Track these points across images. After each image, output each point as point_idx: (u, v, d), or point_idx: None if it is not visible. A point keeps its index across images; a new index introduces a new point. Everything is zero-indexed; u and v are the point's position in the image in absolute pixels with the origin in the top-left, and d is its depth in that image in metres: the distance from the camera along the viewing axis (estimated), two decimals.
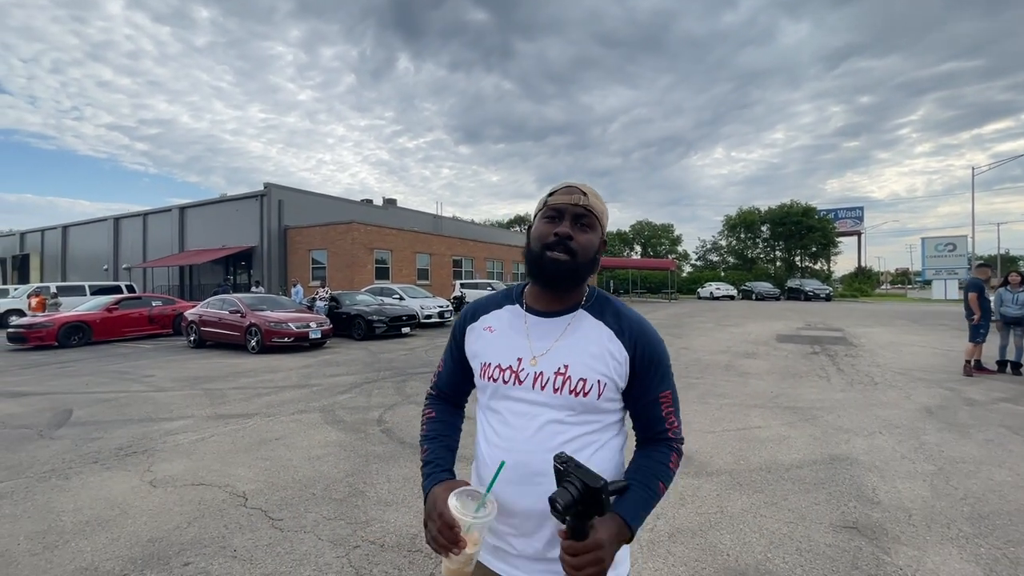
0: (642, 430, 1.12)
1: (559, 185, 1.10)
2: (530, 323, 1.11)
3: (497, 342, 1.12)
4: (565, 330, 1.08)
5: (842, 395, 6.12)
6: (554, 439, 1.02)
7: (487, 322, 1.16)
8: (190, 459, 4.14)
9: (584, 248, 1.04)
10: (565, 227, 1.03)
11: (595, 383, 1.03)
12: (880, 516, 3.00)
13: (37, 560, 2.63)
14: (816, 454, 4.08)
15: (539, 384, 1.04)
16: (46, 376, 8.24)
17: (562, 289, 1.08)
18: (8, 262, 37.87)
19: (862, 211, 52.16)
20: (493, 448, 1.07)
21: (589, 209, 1.05)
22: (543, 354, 1.06)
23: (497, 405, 1.09)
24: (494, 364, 1.10)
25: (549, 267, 1.04)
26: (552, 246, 1.03)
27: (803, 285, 36.12)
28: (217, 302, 12.59)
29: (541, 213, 1.09)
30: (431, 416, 1.23)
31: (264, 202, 24.35)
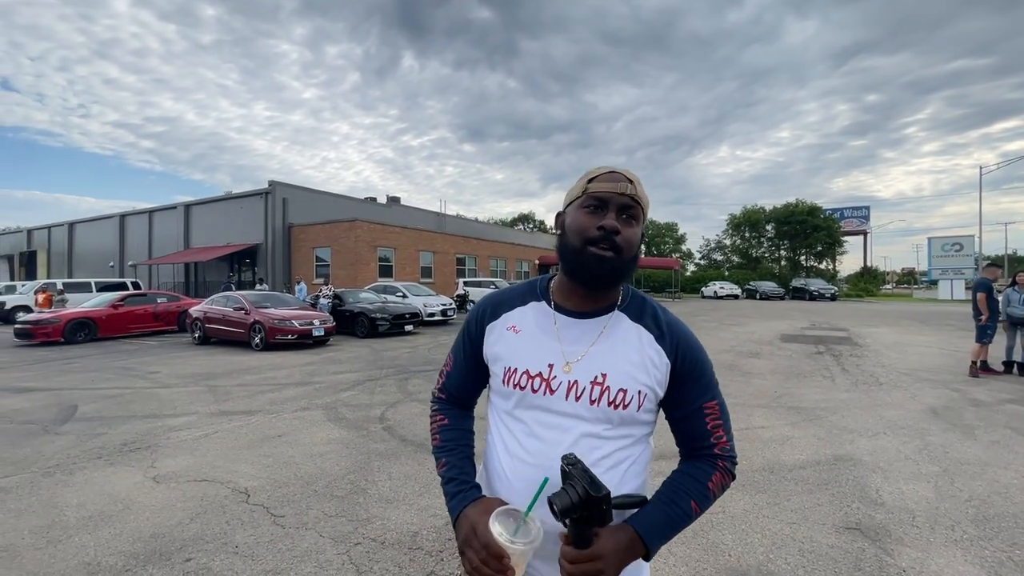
0: (684, 444, 1.03)
1: (600, 169, 0.96)
2: (560, 324, 0.99)
3: (524, 345, 0.99)
4: (601, 333, 0.97)
5: (846, 395, 6.09)
6: (589, 455, 0.91)
7: (511, 320, 1.03)
8: (193, 455, 4.16)
9: (630, 244, 0.93)
10: (611, 220, 0.91)
11: (635, 394, 0.94)
12: (884, 517, 2.98)
13: (40, 555, 2.64)
14: (819, 454, 4.06)
15: (573, 395, 0.94)
16: (52, 372, 8.30)
17: (604, 289, 0.98)
18: (15, 259, 38.16)
19: (868, 210, 51.87)
20: (518, 462, 0.96)
21: (636, 199, 0.93)
22: (577, 361, 0.95)
23: (523, 415, 0.98)
24: (521, 370, 0.97)
25: (592, 264, 0.92)
26: (595, 241, 0.91)
27: (808, 284, 35.96)
28: (221, 299, 12.65)
29: (579, 201, 0.95)
30: (444, 423, 1.09)
31: (269, 200, 24.44)
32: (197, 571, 2.49)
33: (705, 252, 62.34)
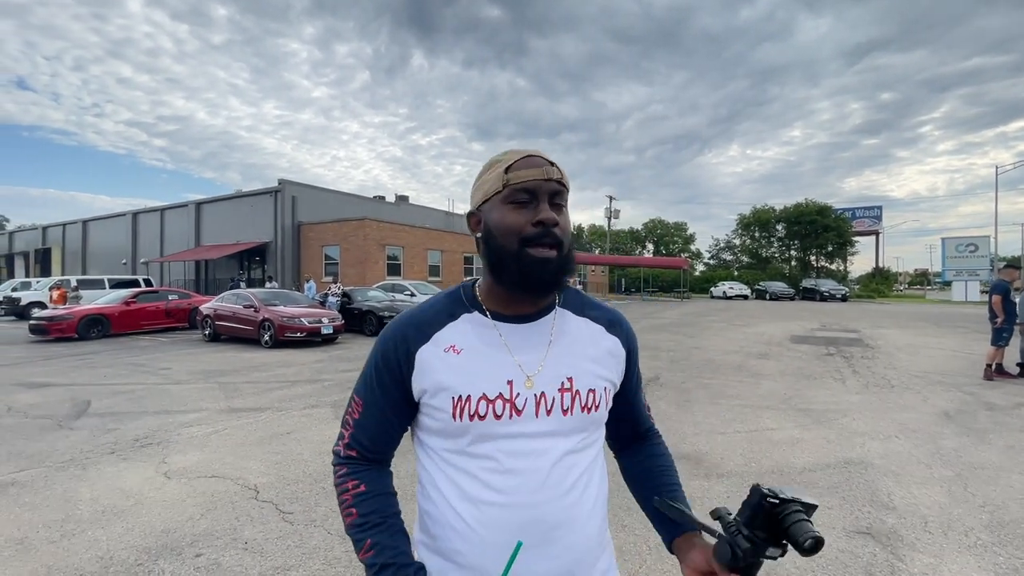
0: (628, 429, 1.02)
1: (514, 155, 0.83)
2: (505, 334, 0.86)
3: (472, 366, 0.83)
4: (552, 335, 0.87)
5: (857, 398, 6.02)
6: (568, 476, 0.82)
7: (446, 340, 0.85)
8: (203, 451, 4.21)
9: (567, 233, 0.83)
10: (548, 212, 0.79)
11: (602, 392, 0.88)
12: (895, 522, 2.94)
13: (55, 548, 2.69)
14: (830, 457, 4.02)
15: (544, 410, 0.82)
16: (66, 367, 8.42)
17: (550, 293, 0.86)
18: (31, 255, 38.76)
19: (880, 210, 51.21)
20: (487, 508, 0.79)
21: (564, 183, 0.82)
22: (537, 371, 0.84)
23: (484, 449, 0.81)
24: (476, 396, 0.81)
25: (535, 268, 0.79)
26: (534, 239, 0.79)
27: (818, 285, 35.62)
28: (231, 297, 12.76)
29: (501, 196, 0.81)
30: (360, 492, 0.85)
31: (278, 198, 24.63)
32: (208, 566, 2.52)
33: (714, 252, 62.00)
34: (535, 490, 0.80)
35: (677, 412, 5.41)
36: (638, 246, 67.96)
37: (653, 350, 10.10)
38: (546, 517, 0.79)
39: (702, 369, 7.98)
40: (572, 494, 0.82)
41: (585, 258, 44.67)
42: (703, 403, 5.79)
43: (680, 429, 4.77)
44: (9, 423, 5.07)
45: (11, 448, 4.30)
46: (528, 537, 0.78)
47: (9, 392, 6.50)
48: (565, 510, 0.81)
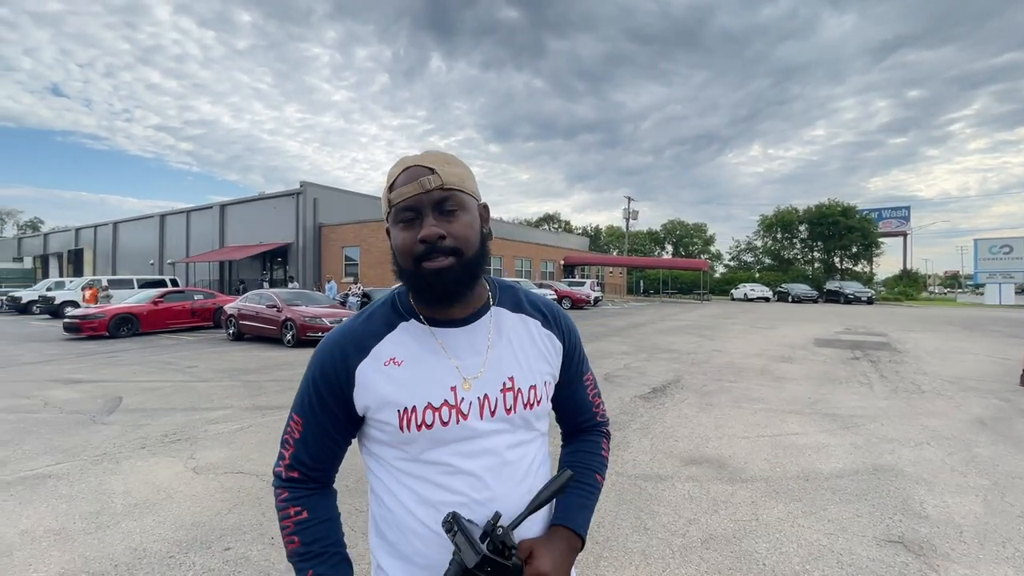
0: (571, 419, 1.02)
1: (398, 170, 0.81)
2: (443, 339, 0.86)
3: (414, 376, 0.83)
4: (490, 336, 0.88)
5: (885, 403, 5.87)
6: (519, 468, 0.86)
7: (386, 354, 0.85)
8: (230, 448, 4.30)
9: (464, 237, 0.80)
10: (431, 227, 0.78)
11: (543, 385, 0.90)
12: (928, 531, 2.86)
13: (91, 539, 2.78)
14: (858, 463, 3.92)
15: (488, 411, 0.84)
16: (98, 364, 8.70)
17: (460, 298, 0.85)
18: (64, 256, 40.15)
19: (908, 211, 49.80)
20: (445, 509, 0.80)
21: (448, 187, 0.79)
22: (478, 374, 0.85)
23: (436, 456, 0.83)
24: (422, 406, 0.82)
25: (434, 282, 0.79)
26: (424, 256, 0.78)
27: (843, 287, 34.78)
28: (255, 297, 13.03)
29: (391, 216, 0.82)
30: (302, 518, 0.84)
31: (300, 200, 25.06)
32: (236, 560, 2.57)
33: (735, 253, 60.97)
34: (492, 485, 0.83)
35: (698, 415, 5.34)
36: (657, 247, 67.28)
37: (673, 352, 9.99)
38: (505, 509, 0.81)
39: (724, 372, 7.87)
40: (525, 482, 0.86)
41: (602, 259, 44.42)
42: (725, 407, 5.71)
43: (702, 432, 4.71)
44: (46, 418, 5.26)
45: (48, 442, 4.46)
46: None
47: (45, 388, 6.74)
48: (521, 498, 0.83)
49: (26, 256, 45.75)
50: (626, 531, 2.87)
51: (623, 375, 7.57)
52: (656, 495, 3.35)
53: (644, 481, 3.58)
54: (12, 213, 72.49)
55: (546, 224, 69.68)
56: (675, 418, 5.23)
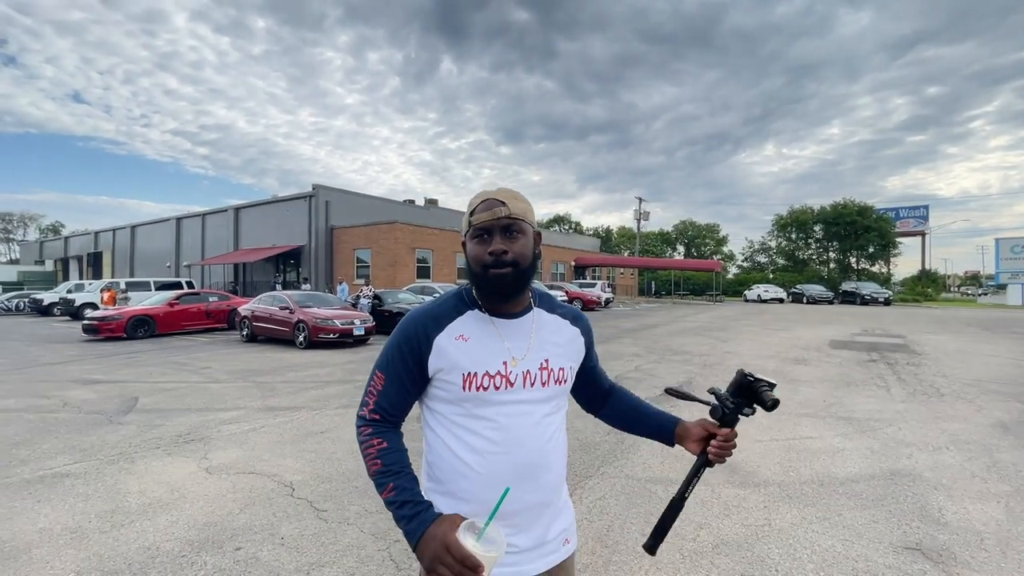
0: (597, 389, 1.36)
1: (478, 200, 1.10)
2: (499, 326, 1.13)
3: (477, 349, 1.09)
4: (531, 328, 1.16)
5: (903, 406, 5.75)
6: (547, 431, 1.12)
7: (457, 330, 1.11)
8: (242, 448, 4.35)
9: (521, 255, 1.08)
10: (498, 244, 1.06)
11: (569, 368, 1.18)
12: (947, 539, 2.79)
13: (106, 538, 2.82)
14: (874, 468, 3.84)
15: (528, 382, 1.11)
16: (115, 365, 8.86)
17: (514, 298, 1.13)
18: (84, 259, 41.02)
19: (927, 210, 48.86)
20: (487, 456, 1.06)
21: (513, 217, 1.07)
22: (524, 355, 1.12)
23: (487, 412, 1.08)
24: (481, 372, 1.08)
25: (496, 284, 1.08)
26: (491, 265, 1.07)
27: (859, 288, 34.21)
28: (268, 299, 13.17)
29: (470, 233, 1.11)
30: (384, 447, 1.08)
31: (312, 203, 25.31)
32: (247, 560, 2.60)
33: (748, 254, 60.35)
34: (524, 441, 1.08)
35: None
36: (668, 248, 66.82)
37: (684, 354, 9.90)
38: (534, 460, 1.09)
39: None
40: (551, 443, 1.12)
41: (613, 260, 44.21)
42: None
43: None
44: (65, 417, 5.36)
45: (67, 441, 4.55)
46: (521, 475, 1.07)
47: (65, 388, 6.88)
48: (546, 455, 1.11)
49: (48, 259, 46.85)
50: (635, 535, 2.84)
51: (634, 377, 7.52)
52: (666, 499, 3.30)
53: (654, 484, 3.54)
54: (35, 217, 74.33)
55: (557, 225, 69.58)
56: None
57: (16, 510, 3.16)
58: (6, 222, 72.22)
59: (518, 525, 1.07)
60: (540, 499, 1.10)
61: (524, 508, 1.07)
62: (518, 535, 1.07)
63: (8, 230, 72.67)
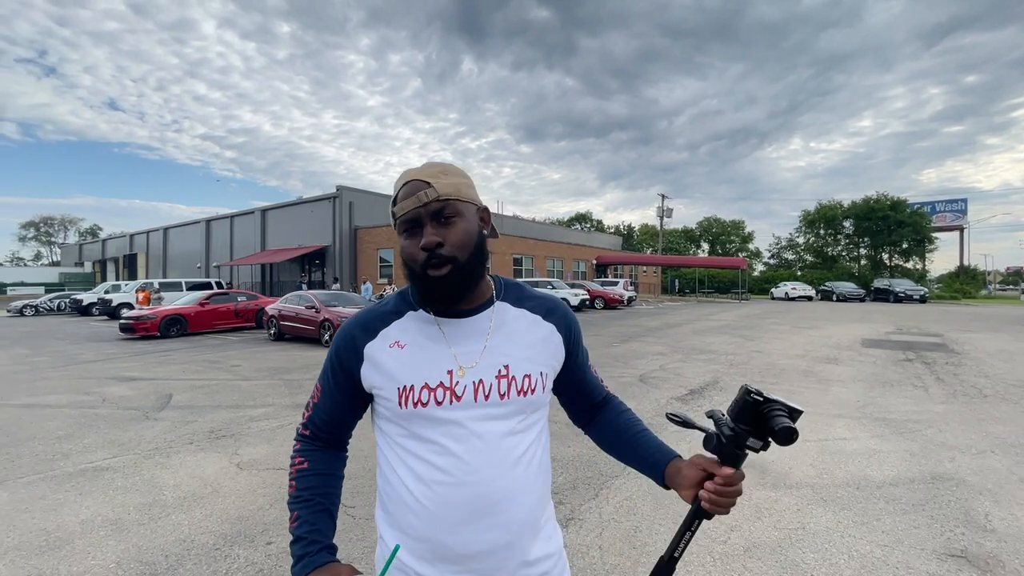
0: (587, 400, 1.10)
1: (399, 185, 0.90)
2: (446, 328, 0.93)
3: (414, 359, 0.91)
4: (490, 327, 0.94)
5: (943, 407, 5.52)
6: (511, 454, 0.89)
7: (392, 337, 0.93)
8: (271, 445, 4.44)
9: (462, 243, 0.87)
10: (430, 235, 0.86)
11: (538, 376, 0.94)
12: (994, 546, 2.66)
13: (144, 530, 2.91)
14: (914, 472, 3.70)
15: (482, 395, 0.89)
16: (150, 363, 9.16)
17: (461, 299, 0.92)
18: (120, 260, 42.58)
19: (965, 203, 46.97)
20: (436, 488, 0.86)
21: (444, 198, 0.86)
22: (475, 362, 0.91)
23: (430, 433, 0.89)
24: (419, 386, 0.89)
25: (435, 285, 0.88)
26: (427, 264, 0.87)
27: (893, 285, 33.07)
28: (294, 298, 13.43)
29: (397, 229, 0.91)
30: (302, 468, 0.97)
31: (336, 204, 25.73)
32: (277, 554, 2.64)
33: (775, 251, 59.00)
34: (479, 468, 0.86)
35: None
36: (692, 246, 65.78)
37: (710, 353, 9.72)
38: (492, 492, 0.86)
39: (764, 374, 7.59)
40: (516, 469, 0.89)
41: (636, 258, 43.75)
42: None
43: None
44: (104, 413, 5.57)
45: (106, 436, 4.71)
46: (472, 513, 0.85)
47: (104, 385, 7.14)
48: (510, 484, 0.87)
49: (86, 261, 48.84)
50: (664, 536, 2.79)
51: (658, 376, 7.42)
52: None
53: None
54: (74, 221, 77.47)
55: (578, 224, 69.20)
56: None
57: (60, 502, 3.29)
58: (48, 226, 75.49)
59: (478, 571, 0.86)
60: (504, 539, 0.87)
61: (484, 551, 0.86)
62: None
63: (50, 233, 76.00)
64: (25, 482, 3.63)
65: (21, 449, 4.36)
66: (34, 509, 3.18)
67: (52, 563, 2.57)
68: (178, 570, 2.51)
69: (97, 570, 2.51)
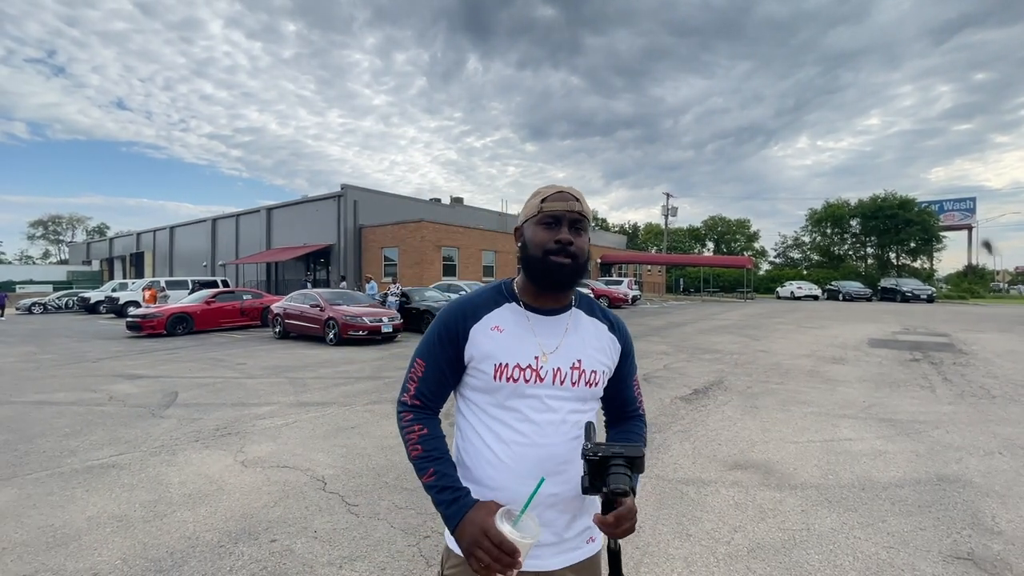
0: (619, 408, 1.28)
1: (550, 191, 1.13)
2: (534, 321, 1.14)
3: (510, 342, 1.12)
4: (567, 327, 1.16)
5: (950, 408, 5.48)
6: (573, 429, 1.11)
7: (492, 321, 1.14)
8: (275, 443, 4.46)
9: (582, 251, 1.11)
10: (566, 233, 1.09)
11: (601, 374, 1.16)
12: (1002, 548, 2.64)
13: (149, 527, 2.93)
14: (920, 473, 3.67)
15: (559, 379, 1.11)
16: (157, 361, 9.22)
17: (567, 290, 1.15)
18: (127, 259, 42.87)
19: (974, 202, 46.55)
20: (516, 447, 1.08)
21: (583, 214, 1.11)
22: (554, 351, 1.12)
23: (516, 404, 1.10)
24: (512, 364, 1.10)
25: (555, 271, 1.09)
26: (555, 252, 1.08)
27: (900, 285, 32.80)
28: (299, 297, 13.48)
29: (536, 219, 1.12)
30: (423, 433, 1.13)
31: (341, 202, 25.78)
32: (281, 552, 2.65)
33: (781, 250, 58.70)
34: (550, 435, 1.09)
35: (743, 418, 5.15)
36: (697, 245, 65.53)
37: (715, 352, 9.68)
38: (559, 454, 1.09)
39: (770, 373, 7.56)
40: (576, 441, 1.09)
41: (640, 257, 43.62)
42: (772, 409, 5.48)
43: (747, 436, 4.53)
44: (111, 411, 5.61)
45: (113, 433, 4.75)
46: (545, 468, 1.06)
47: (111, 382, 7.20)
48: (572, 451, 1.09)
49: (94, 259, 49.18)
50: (667, 536, 2.79)
51: (663, 375, 7.40)
52: (699, 500, 3.24)
53: (686, 486, 3.47)
54: (82, 220, 77.95)
55: None
56: (718, 420, 5.05)
57: (67, 498, 3.32)
58: (56, 224, 76.12)
59: (540, 516, 1.07)
60: (563, 494, 1.09)
61: (544, 501, 1.07)
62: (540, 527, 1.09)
63: (58, 232, 76.60)
64: (33, 478, 3.66)
65: (29, 446, 4.40)
66: (42, 505, 3.21)
67: (59, 559, 2.59)
68: (183, 567, 2.52)
69: (103, 566, 2.53)
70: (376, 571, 2.50)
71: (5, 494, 3.40)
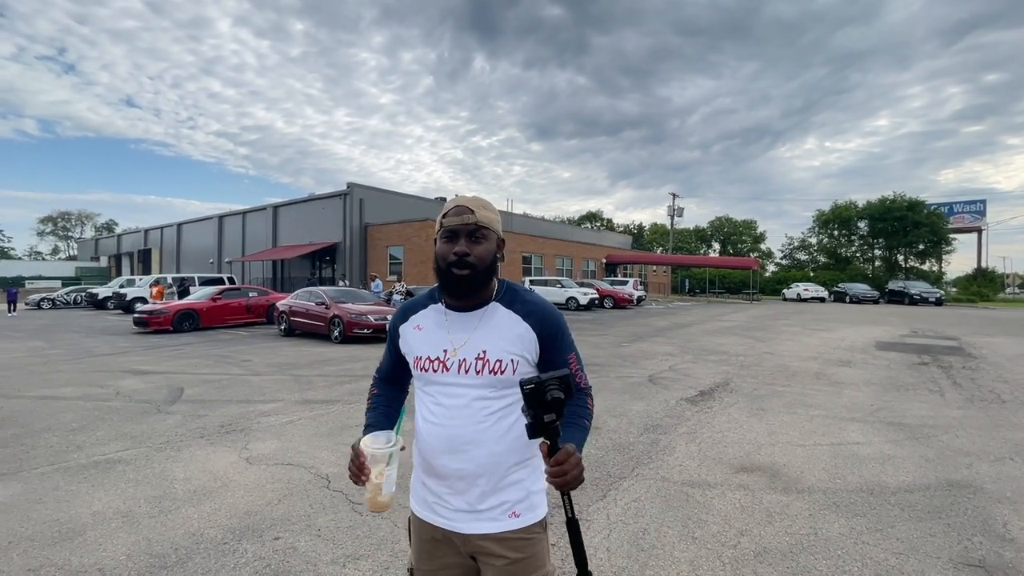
0: None
1: (450, 206, 1.26)
2: (450, 319, 1.31)
3: (425, 338, 1.32)
4: (480, 321, 1.29)
5: (960, 413, 5.41)
6: (479, 413, 1.24)
7: (415, 321, 1.36)
8: (280, 440, 4.46)
9: (482, 258, 1.23)
10: (462, 246, 1.22)
11: (509, 362, 1.25)
12: (1014, 556, 2.60)
13: (154, 523, 2.94)
14: (929, 478, 3.63)
15: (463, 369, 1.26)
16: (163, 357, 9.27)
17: (469, 296, 1.28)
18: (135, 255, 43.18)
19: (984, 204, 46.00)
20: (430, 425, 1.28)
21: (479, 224, 1.23)
22: (463, 345, 1.27)
23: (430, 390, 1.30)
24: (424, 357, 1.30)
25: (455, 282, 1.24)
26: (455, 264, 1.22)
27: (908, 287, 32.51)
28: (305, 294, 13.52)
29: (439, 234, 1.26)
30: (374, 393, 1.48)
31: (347, 201, 25.85)
32: (285, 549, 2.65)
33: (787, 251, 58.28)
34: (455, 417, 1.25)
35: (749, 420, 5.11)
36: (703, 245, 65.25)
37: (721, 354, 9.62)
38: (462, 435, 1.24)
39: (776, 376, 7.50)
40: (483, 424, 1.23)
41: (646, 258, 43.49)
42: (778, 412, 5.43)
43: (753, 439, 4.49)
44: (117, 406, 5.64)
45: (119, 429, 4.77)
46: (449, 446, 1.24)
47: (118, 378, 7.24)
48: (475, 433, 1.23)
49: (102, 256, 49.57)
50: (672, 539, 2.76)
51: (668, 377, 7.36)
52: (705, 503, 3.21)
53: (691, 488, 3.44)
54: (90, 216, 78.50)
55: (588, 223, 68.91)
56: (724, 423, 5.02)
57: (73, 493, 3.33)
58: (65, 220, 76.74)
59: (451, 487, 1.26)
60: (469, 470, 1.23)
61: (453, 474, 1.24)
62: (452, 496, 1.26)
63: (67, 228, 77.21)
64: (39, 473, 3.68)
65: (36, 440, 4.43)
66: (47, 500, 3.23)
67: (64, 554, 2.60)
68: (187, 563, 2.52)
69: (108, 562, 2.53)
70: (379, 570, 2.49)
71: (11, 488, 3.42)
